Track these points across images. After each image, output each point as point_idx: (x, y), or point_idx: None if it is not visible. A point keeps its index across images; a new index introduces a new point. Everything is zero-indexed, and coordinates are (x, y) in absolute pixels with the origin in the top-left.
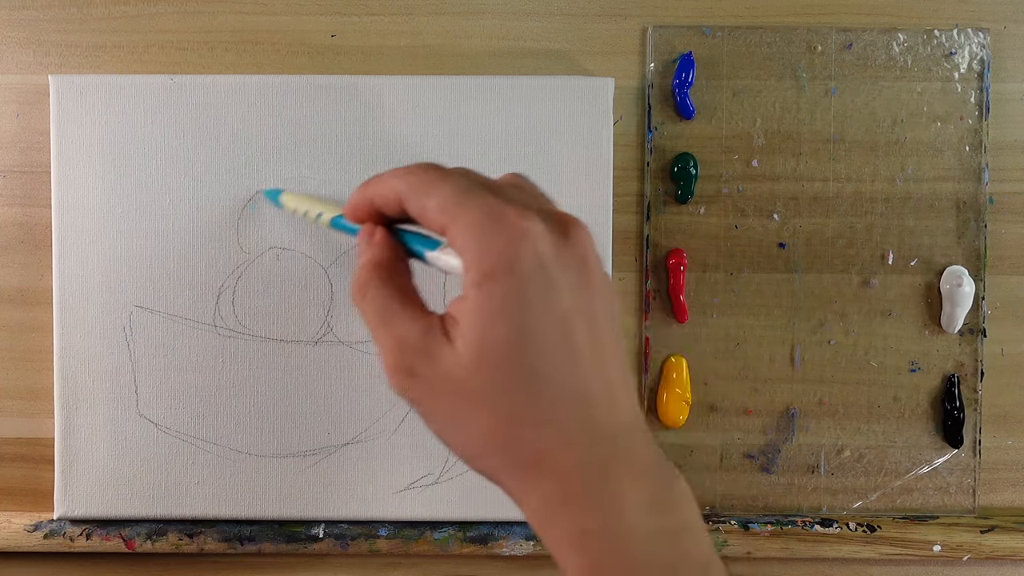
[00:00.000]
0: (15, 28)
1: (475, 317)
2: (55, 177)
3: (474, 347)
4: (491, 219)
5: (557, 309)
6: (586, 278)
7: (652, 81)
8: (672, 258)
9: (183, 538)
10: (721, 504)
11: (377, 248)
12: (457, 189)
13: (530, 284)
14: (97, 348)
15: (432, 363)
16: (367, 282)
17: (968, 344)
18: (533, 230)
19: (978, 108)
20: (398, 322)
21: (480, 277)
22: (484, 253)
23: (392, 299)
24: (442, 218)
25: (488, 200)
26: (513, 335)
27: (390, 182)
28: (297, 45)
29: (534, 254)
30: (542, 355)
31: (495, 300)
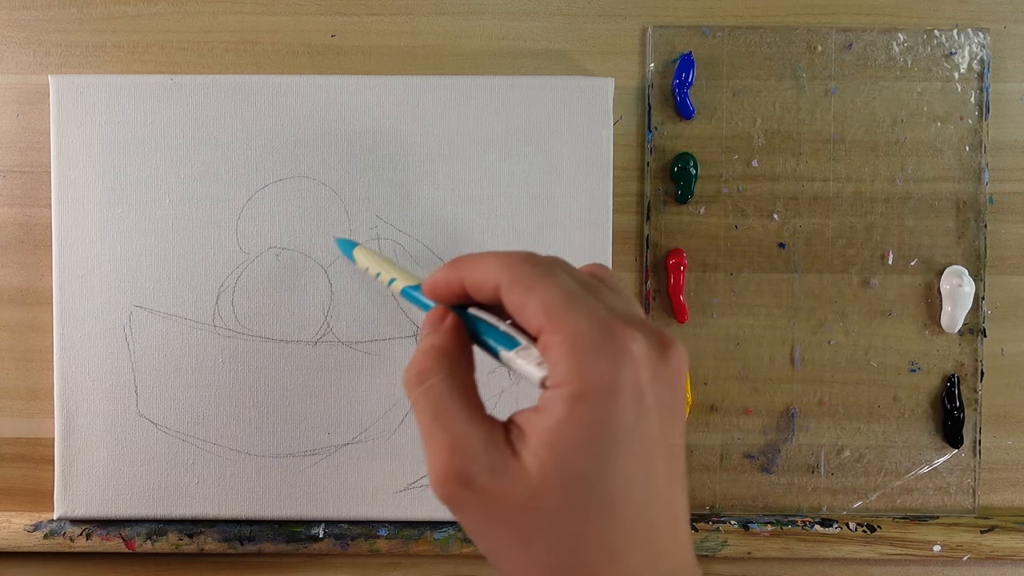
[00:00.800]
0: (15, 28)
1: (557, 437)
2: (55, 177)
3: (550, 469)
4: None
5: (645, 440)
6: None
7: (652, 81)
8: (672, 258)
9: (183, 538)
10: (721, 504)
11: (446, 334)
12: (564, 292)
13: (625, 412)
14: (97, 348)
15: (494, 476)
16: (428, 370)
17: (968, 344)
18: (639, 353)
19: (978, 108)
20: (458, 422)
21: (573, 395)
22: (584, 371)
23: (453, 394)
24: (544, 321)
25: (596, 311)
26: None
27: (490, 268)
28: (297, 45)
29: (635, 379)
30: (621, 488)
31: (585, 424)
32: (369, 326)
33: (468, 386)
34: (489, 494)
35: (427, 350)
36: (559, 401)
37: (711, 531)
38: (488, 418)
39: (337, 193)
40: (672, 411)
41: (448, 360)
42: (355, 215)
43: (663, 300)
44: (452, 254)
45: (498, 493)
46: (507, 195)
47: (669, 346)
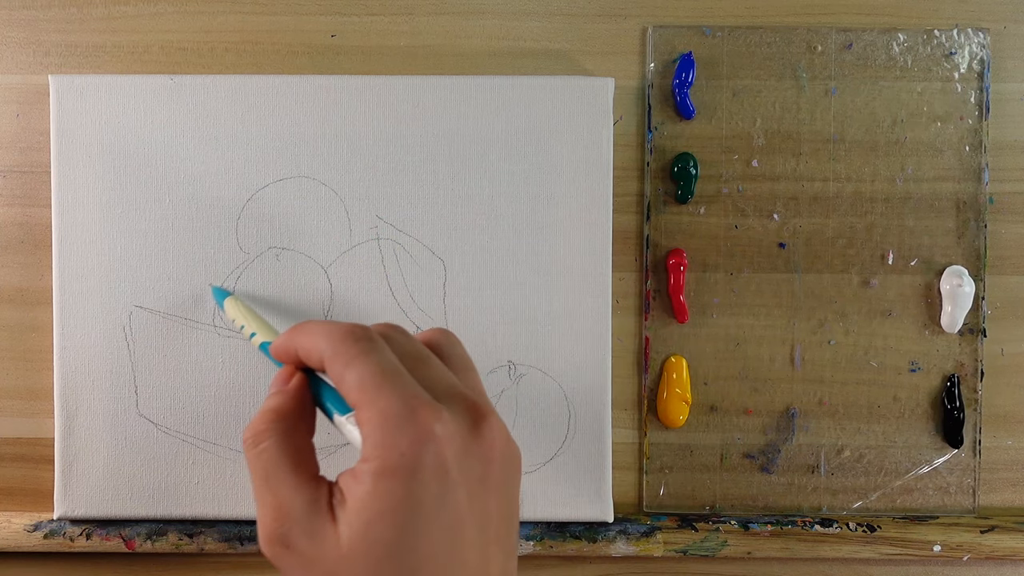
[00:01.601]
0: (15, 28)
1: (364, 508)
2: (55, 177)
3: (357, 539)
4: (403, 414)
5: (450, 514)
6: (486, 475)
7: (652, 81)
8: (672, 258)
9: (183, 538)
10: (721, 504)
11: (285, 396)
12: (377, 369)
13: (427, 489)
14: (97, 348)
15: (310, 541)
16: (262, 433)
17: (968, 344)
18: (442, 432)
19: (978, 108)
20: (284, 486)
21: (378, 471)
22: (387, 449)
23: (284, 458)
24: (356, 396)
25: (403, 392)
26: (398, 536)
27: (316, 340)
28: (297, 45)
29: (437, 458)
30: (423, 558)
31: (388, 499)
32: None
33: (301, 449)
34: (305, 557)
35: (264, 412)
36: (367, 475)
37: (711, 531)
38: (315, 482)
39: (337, 193)
40: (484, 482)
41: (283, 424)
42: (355, 215)
43: (663, 300)
44: (452, 254)
45: (312, 556)
46: (507, 195)
47: (482, 421)
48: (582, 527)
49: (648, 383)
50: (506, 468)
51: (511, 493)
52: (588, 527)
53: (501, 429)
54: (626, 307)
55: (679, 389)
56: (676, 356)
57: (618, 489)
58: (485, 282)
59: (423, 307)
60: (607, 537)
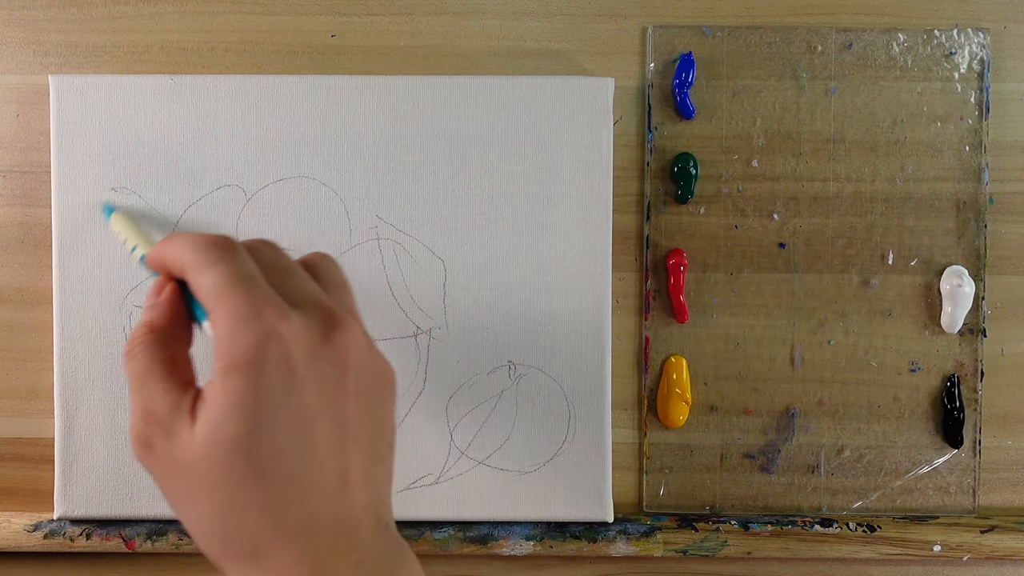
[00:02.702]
0: (15, 28)
1: (213, 406)
2: (55, 177)
3: (208, 435)
4: (246, 314)
5: (297, 409)
6: (341, 379)
7: (652, 81)
8: (672, 258)
9: (183, 538)
10: (721, 504)
11: (158, 311)
12: (228, 276)
13: (269, 383)
14: (97, 348)
15: (169, 441)
16: (137, 345)
17: (968, 344)
18: (285, 331)
19: (978, 108)
20: (152, 392)
21: (224, 368)
22: (232, 346)
23: (155, 367)
24: (208, 300)
25: (251, 294)
26: (244, 430)
27: (180, 248)
28: (297, 45)
29: (281, 354)
30: (271, 452)
31: (232, 394)
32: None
33: (175, 359)
34: (165, 457)
35: (139, 326)
36: (217, 374)
37: (711, 531)
38: (183, 388)
39: (337, 193)
40: (338, 384)
41: (156, 335)
42: (355, 215)
43: (663, 300)
44: (452, 254)
45: (171, 456)
46: (507, 195)
47: (336, 326)
48: (582, 527)
49: (648, 383)
50: (366, 377)
51: (376, 403)
52: (588, 527)
53: (359, 339)
54: (626, 307)
55: (679, 389)
56: (676, 356)
57: (618, 489)
58: (485, 282)
59: (423, 307)
60: (607, 537)
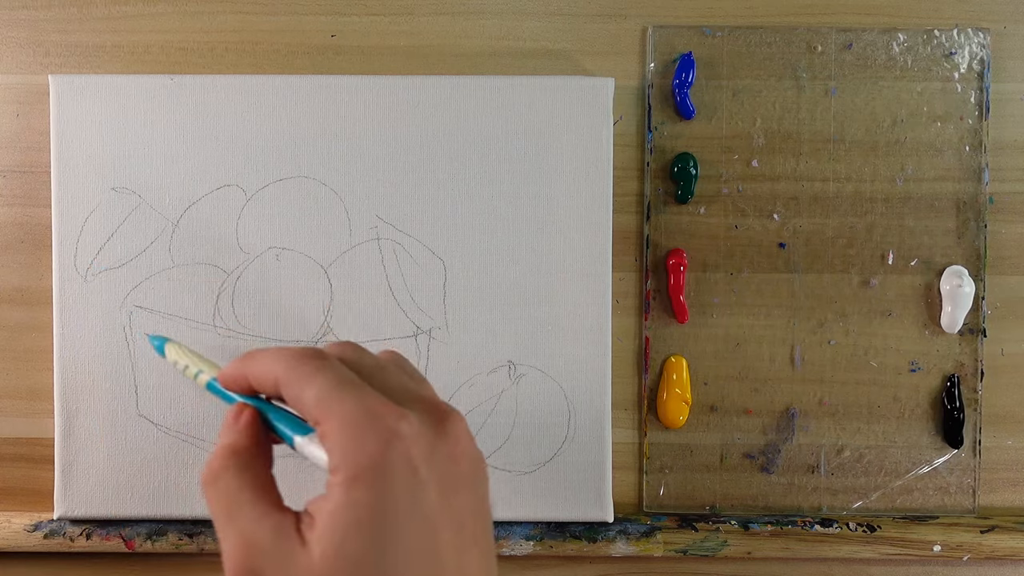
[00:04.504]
0: (15, 28)
1: (335, 522)
2: (55, 177)
3: (331, 554)
4: (366, 418)
5: (423, 515)
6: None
7: (652, 81)
8: (672, 258)
9: (183, 538)
10: (721, 504)
11: (239, 433)
12: (334, 382)
13: (397, 491)
14: (97, 348)
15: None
16: (219, 470)
17: (968, 344)
18: (406, 432)
19: (978, 108)
20: (247, 519)
21: (347, 479)
22: (354, 454)
23: (243, 492)
24: (317, 411)
25: (365, 397)
26: (374, 546)
27: (269, 364)
28: (297, 45)
29: (405, 458)
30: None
31: (359, 508)
32: (369, 326)
33: (261, 482)
34: None
35: (219, 449)
36: (336, 487)
37: (711, 531)
38: (282, 511)
39: (337, 193)
40: (454, 481)
41: (240, 458)
42: (355, 215)
43: (663, 300)
44: (452, 254)
45: None
46: (507, 195)
47: (446, 418)
48: (582, 527)
49: (648, 383)
50: (474, 467)
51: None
52: (588, 527)
53: (465, 428)
54: (626, 307)
55: (679, 389)
56: (676, 356)
57: (618, 489)
58: (485, 282)
59: (423, 307)
60: (607, 537)
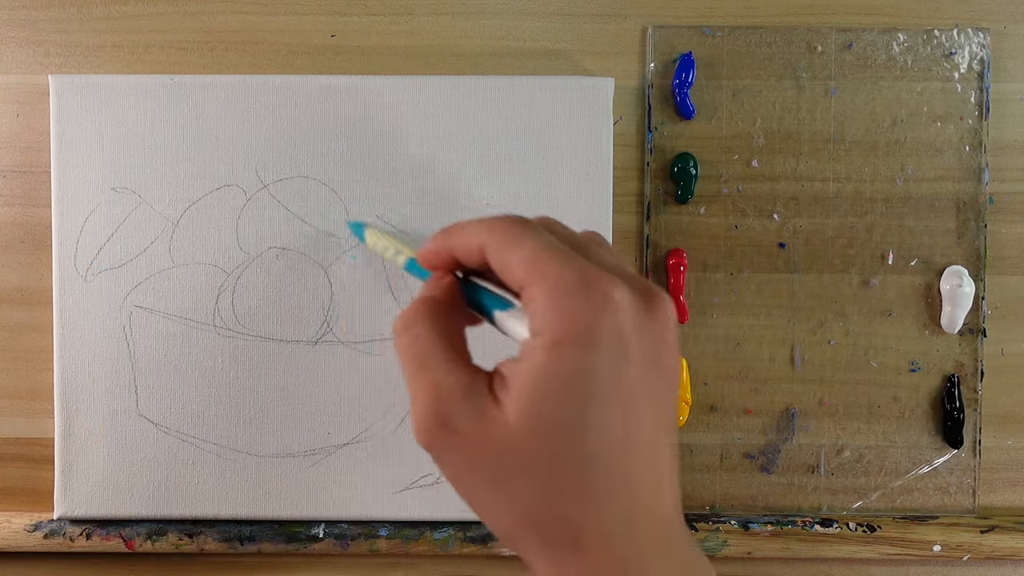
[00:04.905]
0: (15, 28)
1: (536, 383)
2: (55, 177)
3: (527, 415)
4: (577, 282)
5: (625, 390)
6: (660, 357)
7: (652, 81)
8: (672, 258)
9: (183, 538)
10: (721, 504)
11: (437, 288)
12: (544, 245)
13: (605, 359)
14: (97, 348)
15: (475, 421)
16: (414, 319)
17: (968, 344)
18: (620, 300)
19: (978, 108)
20: (441, 368)
21: (552, 342)
22: (564, 317)
23: (437, 342)
24: (526, 273)
25: (576, 261)
26: (572, 410)
27: (475, 232)
28: (297, 45)
29: (616, 326)
30: (600, 435)
31: (563, 371)
32: (369, 326)
33: (454, 336)
34: (468, 439)
35: (416, 302)
36: (539, 349)
37: (711, 531)
38: (472, 366)
39: (337, 193)
40: (657, 362)
41: (435, 311)
42: (355, 215)
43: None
44: None
45: (477, 438)
46: (507, 195)
47: (656, 297)
48: None
49: None
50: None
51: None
52: None
53: (673, 312)
54: None
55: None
56: None
57: None
58: None
59: None
60: None
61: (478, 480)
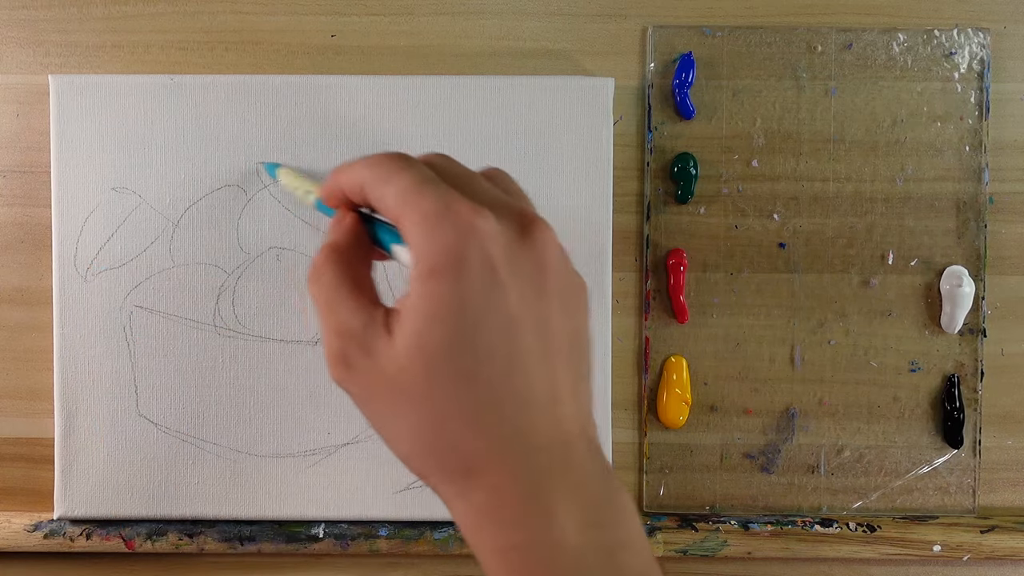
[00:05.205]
0: (15, 28)
1: (414, 314)
2: (55, 177)
3: (410, 345)
4: (441, 212)
5: (501, 313)
6: (541, 282)
7: (652, 81)
8: (672, 258)
9: (183, 538)
10: (721, 504)
11: (340, 233)
12: (415, 179)
13: (474, 284)
14: (97, 348)
15: (368, 356)
16: (322, 265)
17: (968, 344)
18: (484, 228)
19: (978, 108)
20: (344, 310)
21: (424, 272)
22: (430, 247)
23: (342, 286)
24: (396, 208)
25: (442, 192)
26: (450, 336)
27: (357, 170)
28: (297, 45)
29: (482, 253)
30: (479, 359)
31: (435, 298)
32: None
33: (360, 278)
34: (365, 374)
35: (322, 249)
36: (415, 280)
37: (711, 531)
38: (375, 305)
39: None
40: (538, 287)
41: (339, 256)
42: None
43: (663, 300)
44: None
45: (372, 372)
46: None
47: (531, 226)
48: None
49: (648, 383)
50: (564, 282)
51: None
52: None
53: (555, 241)
54: (626, 307)
55: (679, 389)
56: (676, 356)
57: None
58: None
59: None
60: None
61: (379, 413)
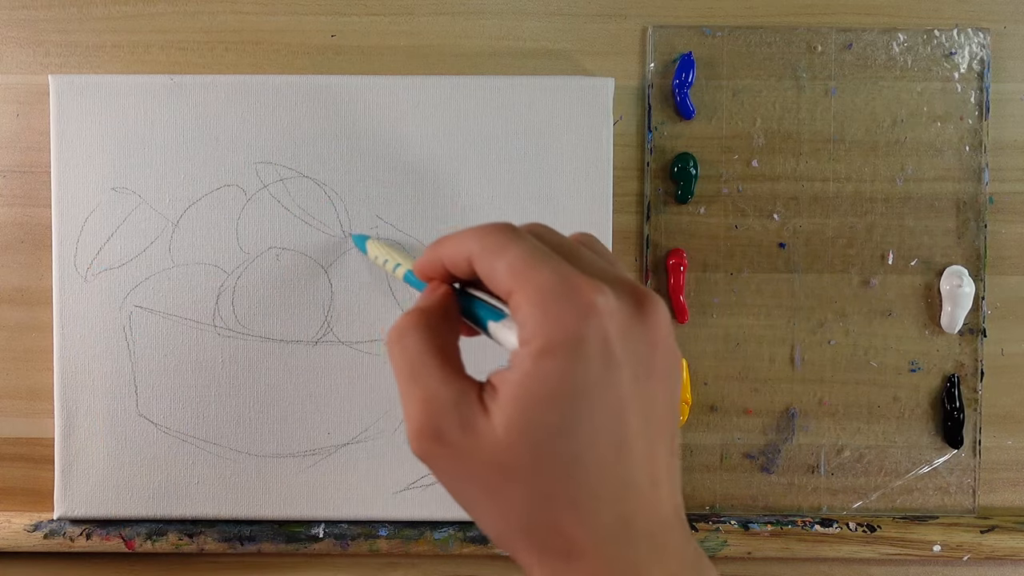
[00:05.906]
0: (15, 28)
1: (522, 392)
2: (55, 177)
3: (516, 424)
4: (562, 288)
5: (613, 396)
6: (651, 363)
7: (652, 81)
8: (672, 258)
9: (183, 538)
10: (721, 504)
11: (432, 300)
12: (530, 252)
13: (590, 367)
14: (97, 348)
15: (464, 432)
16: (407, 328)
17: (968, 344)
18: (605, 306)
19: (978, 108)
20: (432, 380)
21: (536, 351)
22: (548, 325)
23: (429, 353)
24: (510, 281)
25: (561, 267)
26: (561, 420)
27: (462, 242)
28: (297, 45)
29: (601, 333)
30: (589, 444)
31: (549, 379)
32: (369, 326)
33: (447, 347)
34: (459, 449)
35: (409, 312)
36: (526, 357)
37: (711, 531)
38: (463, 377)
39: (337, 193)
40: (649, 367)
41: (428, 320)
42: (355, 215)
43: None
44: None
45: (468, 448)
46: (507, 195)
47: (645, 301)
48: None
49: None
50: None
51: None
52: None
53: (666, 315)
54: None
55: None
56: None
57: None
58: None
59: None
60: None
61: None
